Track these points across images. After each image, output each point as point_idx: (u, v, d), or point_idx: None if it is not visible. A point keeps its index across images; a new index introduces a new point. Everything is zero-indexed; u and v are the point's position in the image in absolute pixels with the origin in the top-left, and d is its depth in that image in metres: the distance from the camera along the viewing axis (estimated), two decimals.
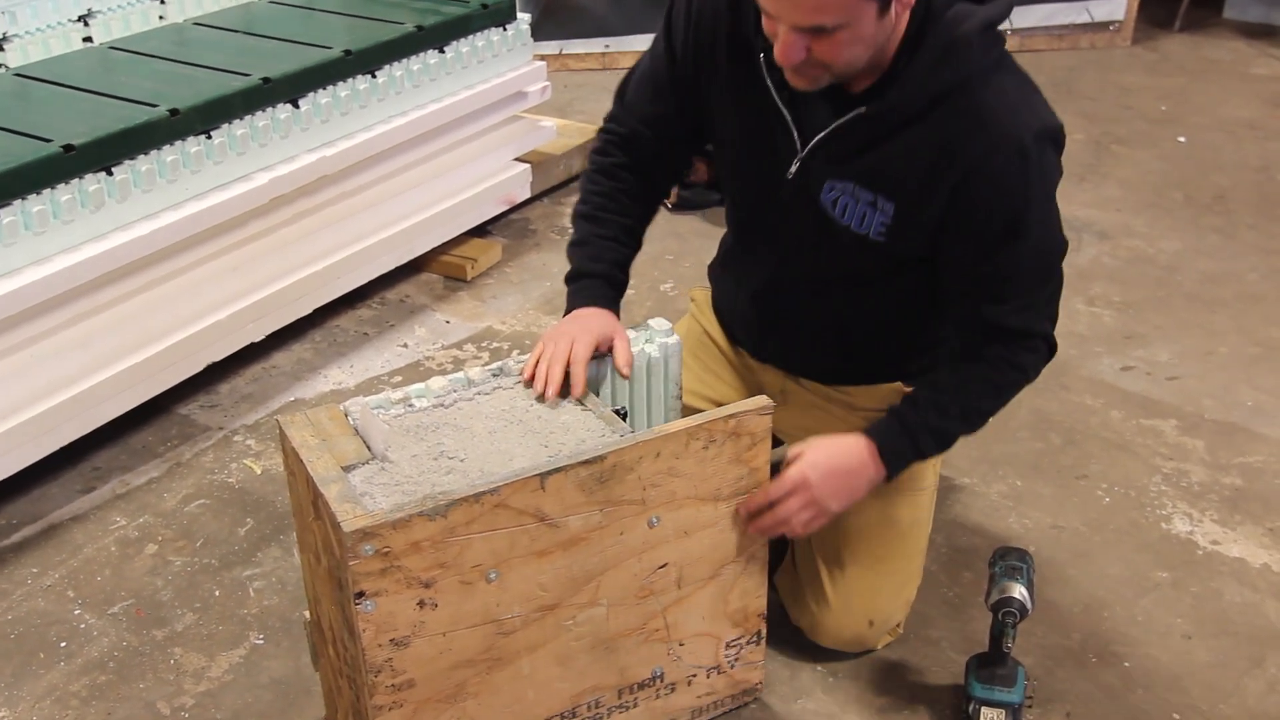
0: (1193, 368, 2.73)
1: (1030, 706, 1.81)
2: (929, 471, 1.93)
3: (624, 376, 1.76)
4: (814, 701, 1.89)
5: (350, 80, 2.68)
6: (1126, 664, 1.95)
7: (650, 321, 1.85)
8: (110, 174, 2.25)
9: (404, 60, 2.79)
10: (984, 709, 1.77)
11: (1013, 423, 2.53)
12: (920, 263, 1.75)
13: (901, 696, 1.89)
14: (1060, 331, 2.81)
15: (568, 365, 1.70)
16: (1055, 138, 1.66)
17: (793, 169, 1.73)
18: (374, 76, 2.72)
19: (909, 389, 1.85)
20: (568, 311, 1.83)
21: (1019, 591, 1.72)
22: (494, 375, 1.73)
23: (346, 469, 1.52)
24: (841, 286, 1.83)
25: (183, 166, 2.37)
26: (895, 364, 1.92)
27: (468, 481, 1.51)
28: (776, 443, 1.83)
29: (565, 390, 1.69)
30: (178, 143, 2.36)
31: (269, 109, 2.52)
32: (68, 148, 2.18)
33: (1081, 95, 4.31)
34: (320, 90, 2.61)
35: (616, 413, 1.72)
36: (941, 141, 1.62)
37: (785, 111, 1.71)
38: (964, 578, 2.12)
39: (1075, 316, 2.92)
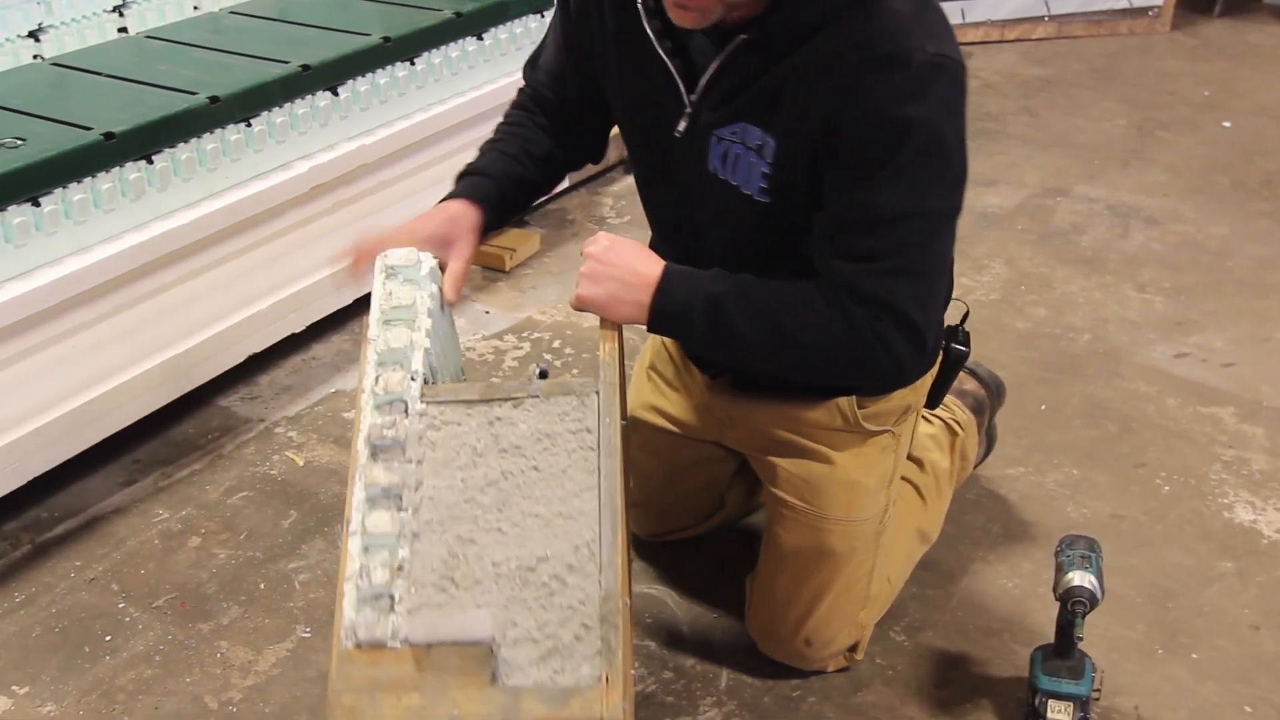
0: (1248, 354, 2.67)
1: (1098, 699, 1.76)
2: (868, 502, 1.78)
3: (449, 301, 1.57)
4: (873, 694, 1.84)
5: (389, 68, 2.64)
6: (1194, 655, 1.90)
7: (387, 255, 1.53)
8: (151, 162, 2.22)
9: (442, 47, 2.76)
10: (1050, 701, 1.72)
11: (1066, 410, 2.48)
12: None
13: (963, 689, 1.85)
14: (1111, 317, 2.80)
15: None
16: (953, 71, 1.44)
17: (681, 126, 1.58)
18: (413, 64, 2.69)
19: (864, 402, 1.73)
20: None
21: (1088, 581, 1.66)
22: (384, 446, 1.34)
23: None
24: (754, 272, 1.58)
25: (223, 155, 2.34)
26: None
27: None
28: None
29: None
30: (218, 131, 2.32)
31: (308, 97, 2.48)
32: (108, 135, 2.15)
33: (1122, 81, 4.25)
34: (359, 78, 2.58)
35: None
36: (821, 61, 1.45)
37: (668, 61, 1.56)
38: (1023, 568, 2.07)
39: (1126, 302, 2.87)
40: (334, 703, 1.17)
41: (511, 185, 1.73)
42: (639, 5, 1.56)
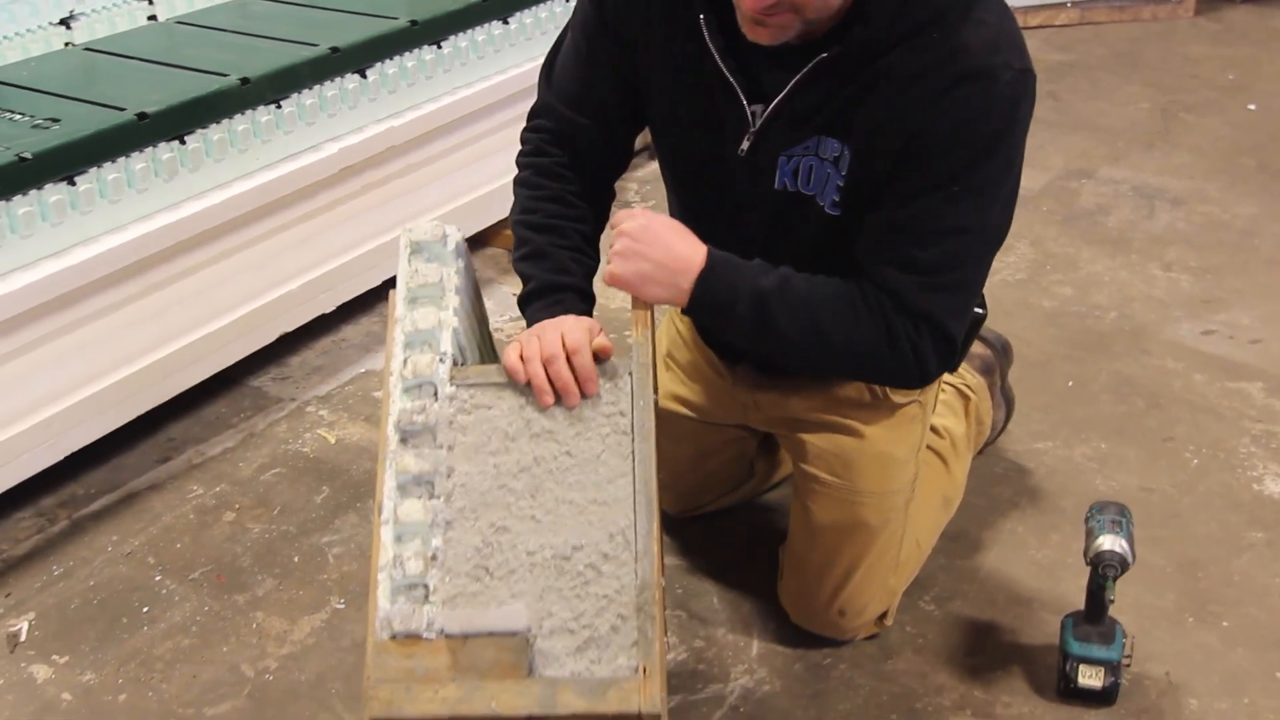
0: (1276, 331, 2.66)
1: (1129, 665, 1.76)
2: (899, 473, 1.78)
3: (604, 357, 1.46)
4: (904, 662, 1.85)
5: (416, 51, 2.66)
6: (1225, 624, 1.90)
7: (412, 230, 1.47)
8: (183, 143, 2.24)
9: (469, 31, 2.77)
10: (1082, 666, 1.73)
11: (1093, 386, 2.48)
12: None
13: (994, 657, 1.85)
14: (1137, 296, 2.80)
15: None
16: (1033, 89, 1.45)
17: (744, 146, 1.53)
18: (439, 47, 2.71)
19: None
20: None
21: (1119, 545, 1.67)
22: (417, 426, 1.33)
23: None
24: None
25: (254, 136, 2.36)
26: None
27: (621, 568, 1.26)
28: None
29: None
30: (249, 112, 2.34)
31: (337, 79, 2.50)
32: (141, 116, 2.17)
33: (1146, 66, 4.23)
34: (387, 60, 2.60)
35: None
36: (908, 73, 1.42)
37: (733, 80, 1.50)
38: (1052, 539, 2.07)
39: (1152, 281, 2.87)
40: (370, 695, 1.16)
41: (588, 285, 1.63)
42: (700, 20, 1.50)
